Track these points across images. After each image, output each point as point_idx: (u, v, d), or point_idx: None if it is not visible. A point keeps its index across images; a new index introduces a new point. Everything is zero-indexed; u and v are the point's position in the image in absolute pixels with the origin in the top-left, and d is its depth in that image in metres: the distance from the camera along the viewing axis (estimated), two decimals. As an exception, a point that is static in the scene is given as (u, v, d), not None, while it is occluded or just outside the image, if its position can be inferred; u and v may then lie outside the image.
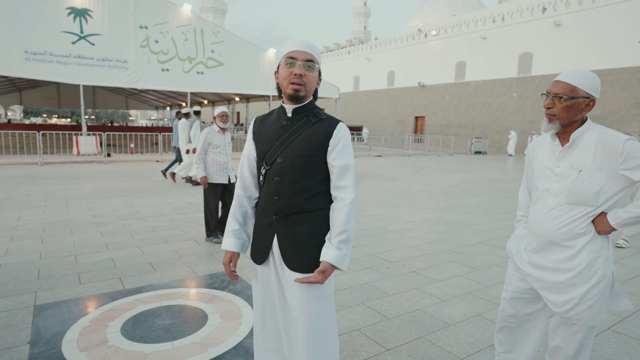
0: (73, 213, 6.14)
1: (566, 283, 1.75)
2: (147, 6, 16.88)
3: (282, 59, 1.60)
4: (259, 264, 1.74)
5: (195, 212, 6.43)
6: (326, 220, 1.66)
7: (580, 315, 1.73)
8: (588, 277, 1.71)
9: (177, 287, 3.49)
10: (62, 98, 36.02)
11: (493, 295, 3.51)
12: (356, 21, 74.99)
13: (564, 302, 1.75)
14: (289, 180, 1.60)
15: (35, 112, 74.89)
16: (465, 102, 29.81)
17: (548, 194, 1.80)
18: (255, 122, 1.79)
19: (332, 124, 1.63)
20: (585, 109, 1.70)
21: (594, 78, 1.70)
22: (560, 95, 1.69)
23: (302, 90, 1.59)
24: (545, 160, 1.83)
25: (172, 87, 18.28)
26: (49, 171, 11.09)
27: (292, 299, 1.64)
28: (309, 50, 1.59)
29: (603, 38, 22.09)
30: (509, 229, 5.95)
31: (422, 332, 2.83)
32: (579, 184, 1.69)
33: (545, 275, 1.81)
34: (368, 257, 4.47)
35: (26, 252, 4.27)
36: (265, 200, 1.69)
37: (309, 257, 1.62)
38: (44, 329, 2.73)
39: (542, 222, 1.81)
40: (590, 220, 1.71)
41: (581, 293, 1.72)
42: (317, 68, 1.62)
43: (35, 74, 15.05)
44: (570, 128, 1.74)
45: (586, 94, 1.68)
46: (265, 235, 1.69)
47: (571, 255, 1.74)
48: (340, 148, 1.60)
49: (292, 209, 1.62)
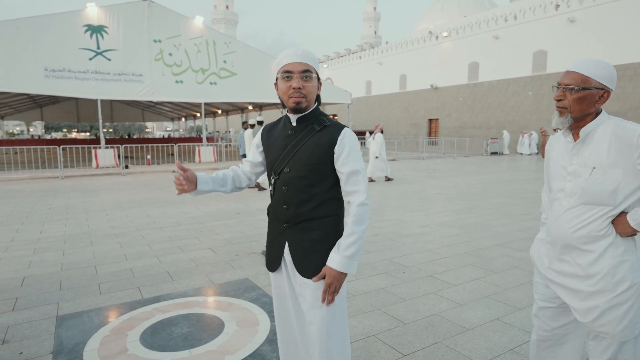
0: (93, 225, 6.28)
1: (589, 291, 1.61)
2: (161, 20, 17.26)
3: (279, 73, 1.60)
4: (272, 271, 1.78)
5: (211, 221, 6.50)
6: (337, 226, 1.67)
7: (607, 328, 1.57)
8: (613, 285, 1.56)
9: (194, 296, 3.53)
10: (81, 113, 36.96)
11: (512, 298, 3.45)
12: (366, 26, 75.14)
13: (588, 310, 1.61)
14: (296, 189, 1.62)
15: (55, 127, 76.94)
16: (479, 103, 29.48)
17: (563, 195, 1.69)
18: (263, 131, 1.81)
19: (336, 130, 1.63)
20: (599, 101, 1.59)
21: (607, 67, 1.58)
22: (572, 86, 1.58)
23: (303, 102, 1.60)
24: (559, 158, 1.73)
25: (186, 98, 18.59)
26: (69, 184, 11.37)
27: (304, 305, 1.67)
28: (304, 60, 1.58)
29: (619, 33, 21.61)
30: (528, 230, 5.84)
31: (440, 337, 2.79)
32: (592, 182, 1.57)
33: (567, 281, 1.68)
34: (383, 262, 4.45)
35: (48, 264, 4.39)
36: (275, 209, 1.72)
37: (320, 263, 1.64)
38: (66, 338, 2.80)
39: (558, 225, 1.69)
40: (609, 221, 1.57)
41: (605, 302, 1.57)
42: (314, 76, 1.61)
43: (54, 90, 15.51)
44: (583, 122, 1.63)
45: (600, 85, 1.57)
46: (277, 244, 1.72)
47: (592, 260, 1.60)
48: (346, 154, 1.60)
49: (301, 217, 1.64)
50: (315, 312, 1.63)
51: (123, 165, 14.17)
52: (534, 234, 5.63)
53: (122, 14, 16.35)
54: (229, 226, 6.18)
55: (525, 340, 2.74)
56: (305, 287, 1.65)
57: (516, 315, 3.13)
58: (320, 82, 1.67)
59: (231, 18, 73.06)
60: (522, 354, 2.58)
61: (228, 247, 5.06)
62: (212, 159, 18.23)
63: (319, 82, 1.66)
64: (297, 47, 1.63)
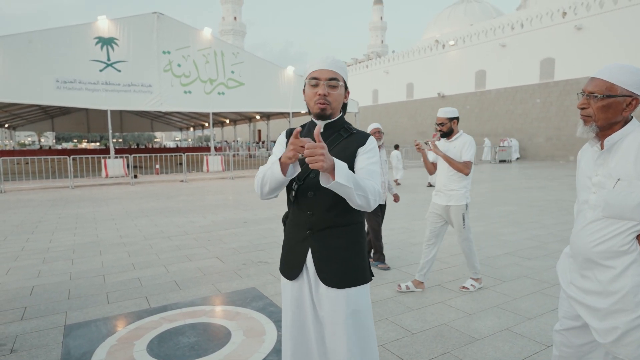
0: (102, 234, 6.33)
1: (609, 309, 1.51)
2: (170, 32, 17.55)
3: (306, 79, 1.63)
4: (292, 279, 1.69)
5: (219, 230, 6.52)
6: (360, 234, 1.67)
7: (627, 350, 1.48)
8: (635, 305, 1.46)
9: (201, 305, 3.53)
10: (91, 123, 37.54)
11: (521, 308, 3.40)
12: (373, 35, 75.54)
13: (607, 330, 1.52)
14: (323, 193, 1.57)
15: (66, 137, 78.10)
16: (487, 111, 29.38)
17: (587, 206, 1.60)
18: (287, 133, 1.75)
19: (364, 136, 1.66)
20: (627, 109, 1.49)
21: (636, 73, 1.47)
22: (595, 94, 1.50)
23: (327, 109, 1.61)
24: (586, 169, 1.64)
25: (195, 108, 18.81)
26: (79, 194, 11.49)
27: (326, 316, 1.61)
28: (332, 67, 1.60)
29: (627, 40, 21.48)
30: (536, 239, 5.77)
31: (448, 347, 2.75)
32: (616, 195, 1.47)
33: (587, 299, 1.59)
34: (391, 271, 4.41)
35: (57, 273, 4.42)
36: (297, 215, 1.67)
37: (344, 271, 1.61)
38: (73, 348, 2.80)
39: (580, 238, 1.61)
40: (633, 237, 1.48)
41: (626, 322, 1.47)
42: (341, 85, 1.62)
43: (65, 101, 15.79)
44: (610, 130, 1.53)
45: (627, 92, 1.47)
46: (298, 251, 1.66)
47: (613, 277, 1.51)
48: (369, 157, 1.61)
49: (327, 224, 1.61)
50: (338, 323, 1.58)
51: (132, 175, 14.30)
52: (543, 242, 5.56)
53: (132, 26, 16.66)
54: (237, 235, 6.19)
55: (535, 350, 2.70)
56: (326, 298, 1.60)
57: (526, 325, 3.08)
58: (348, 91, 1.69)
59: (239, 29, 73.92)
60: (533, 365, 2.53)
61: (235, 256, 5.06)
62: (220, 169, 18.33)
63: (346, 90, 1.67)
64: (327, 55, 1.65)
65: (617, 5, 22.01)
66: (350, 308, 1.59)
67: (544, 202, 9.02)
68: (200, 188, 12.86)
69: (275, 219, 7.43)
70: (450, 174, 3.66)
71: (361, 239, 1.67)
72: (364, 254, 1.68)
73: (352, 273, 1.61)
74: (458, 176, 3.63)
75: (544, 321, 3.14)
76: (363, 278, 1.64)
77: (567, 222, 6.79)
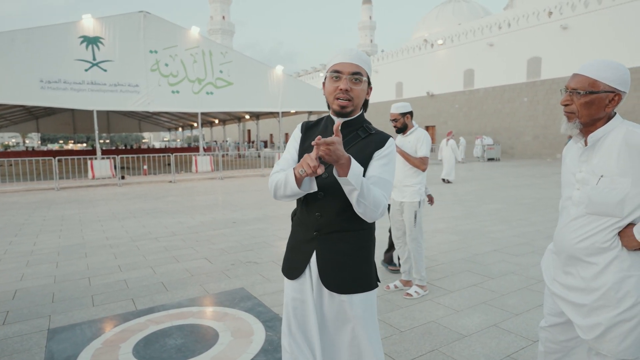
0: (88, 236, 6.23)
1: (592, 305, 1.53)
2: (157, 31, 17.35)
3: (328, 72, 1.52)
4: (293, 279, 1.63)
5: (207, 231, 6.47)
6: (368, 240, 1.61)
7: (609, 346, 1.49)
8: (616, 301, 1.47)
9: (188, 306, 3.49)
10: (77, 124, 36.98)
11: (509, 304, 3.42)
12: (362, 35, 75.71)
13: (590, 327, 1.54)
14: (334, 196, 1.51)
15: (52, 138, 76.90)
16: (475, 110, 29.64)
17: (571, 203, 1.61)
18: (302, 127, 1.67)
19: (383, 138, 1.56)
20: (609, 105, 1.49)
21: (618, 69, 1.48)
22: (578, 90, 1.51)
23: (349, 106, 1.52)
24: (570, 165, 1.65)
25: (183, 108, 18.62)
26: (65, 196, 11.31)
27: (328, 319, 1.59)
28: (356, 61, 1.50)
29: (611, 39, 21.85)
30: (524, 236, 5.83)
31: (436, 345, 2.76)
32: (599, 192, 1.48)
33: (570, 295, 1.61)
34: (380, 269, 4.42)
35: (41, 276, 4.34)
36: (305, 215, 1.60)
37: (349, 277, 1.55)
38: (57, 352, 2.75)
39: (563, 235, 1.62)
40: (615, 233, 1.49)
41: (608, 319, 1.49)
42: (365, 80, 1.53)
43: (50, 102, 15.51)
44: (594, 127, 1.54)
45: (609, 88, 1.48)
46: (303, 251, 1.60)
47: (595, 273, 1.52)
48: (384, 162, 1.52)
49: (335, 227, 1.55)
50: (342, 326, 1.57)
51: (119, 176, 14.12)
52: (530, 239, 5.62)
53: (117, 25, 16.44)
54: (225, 235, 6.14)
55: (522, 346, 2.72)
56: (328, 301, 1.58)
57: (513, 321, 3.11)
58: (371, 86, 1.59)
59: (227, 29, 73.50)
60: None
61: (224, 256, 5.02)
62: (209, 169, 18.19)
63: (369, 86, 1.57)
64: (351, 48, 1.54)
65: (601, 5, 22.37)
66: (352, 313, 1.55)
67: (532, 200, 9.12)
68: (189, 189, 12.75)
69: (264, 219, 7.39)
70: (405, 170, 3.62)
71: (369, 245, 1.61)
72: (370, 260, 1.62)
73: (356, 279, 1.56)
74: (413, 171, 3.60)
75: (531, 317, 3.16)
76: (368, 285, 1.59)
77: (554, 220, 6.87)
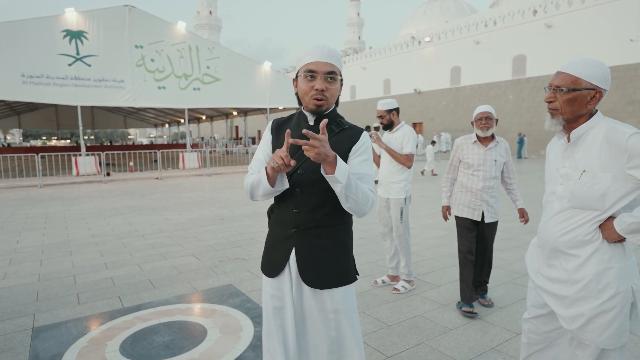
0: (72, 234, 6.14)
1: (574, 297, 1.58)
2: (142, 26, 17.08)
3: (301, 71, 1.51)
4: (272, 277, 1.62)
5: (195, 228, 6.43)
6: (346, 235, 1.62)
7: (592, 335, 1.54)
8: (597, 292, 1.53)
9: (176, 303, 3.48)
10: (61, 120, 36.29)
11: (493, 298, 3.48)
12: (350, 31, 75.75)
13: (573, 317, 1.59)
14: (310, 192, 1.52)
15: (34, 134, 75.28)
16: (462, 107, 29.93)
17: (554, 197, 1.66)
18: (272, 128, 1.67)
19: (356, 133, 1.58)
20: (591, 102, 1.54)
21: (599, 67, 1.53)
22: (561, 88, 1.56)
23: (324, 105, 1.52)
24: (554, 161, 1.70)
25: (169, 104, 18.41)
26: (48, 193, 11.11)
27: (308, 315, 1.59)
28: (329, 60, 1.50)
29: (594, 37, 22.27)
30: (509, 231, 5.93)
31: (423, 338, 2.80)
32: (581, 186, 1.54)
33: (554, 287, 1.65)
34: (368, 264, 4.45)
35: (25, 275, 4.27)
36: (283, 212, 1.60)
37: (328, 273, 1.56)
38: (42, 351, 2.71)
39: (547, 228, 1.67)
40: (596, 226, 1.54)
41: (590, 309, 1.54)
42: (339, 78, 1.53)
43: (32, 97, 15.18)
44: (576, 123, 1.59)
45: (591, 85, 1.53)
46: (282, 248, 1.60)
47: (577, 265, 1.57)
48: (364, 158, 1.55)
49: (313, 223, 1.55)
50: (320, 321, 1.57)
51: (104, 173, 13.92)
52: (515, 234, 5.72)
53: (102, 19, 16.14)
54: (213, 232, 6.11)
55: (506, 338, 2.78)
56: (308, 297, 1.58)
57: (497, 314, 3.17)
58: (342, 83, 1.59)
59: (214, 24, 72.80)
60: (504, 352, 2.60)
61: (212, 253, 5.00)
62: (197, 166, 18.05)
63: (341, 83, 1.57)
64: (323, 46, 1.53)
65: (584, 4, 22.76)
66: (333, 307, 1.57)
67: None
68: (176, 185, 12.64)
69: (252, 215, 7.38)
70: (392, 166, 3.65)
71: (347, 240, 1.63)
72: (349, 254, 1.64)
73: (336, 274, 1.57)
74: (399, 168, 3.62)
75: (515, 310, 3.23)
76: (347, 279, 1.60)
77: (538, 215, 6.99)
